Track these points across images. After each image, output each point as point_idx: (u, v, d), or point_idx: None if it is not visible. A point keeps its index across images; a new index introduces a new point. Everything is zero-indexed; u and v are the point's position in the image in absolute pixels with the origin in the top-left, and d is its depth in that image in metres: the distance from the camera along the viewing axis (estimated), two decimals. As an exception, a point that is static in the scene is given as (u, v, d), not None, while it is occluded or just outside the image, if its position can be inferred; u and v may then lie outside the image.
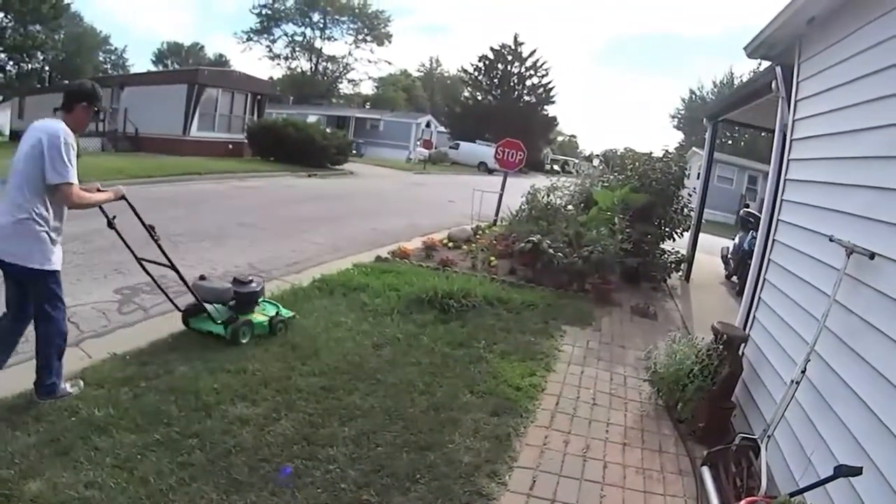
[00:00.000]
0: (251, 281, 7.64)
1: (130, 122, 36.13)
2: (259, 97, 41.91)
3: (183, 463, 4.59)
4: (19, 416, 5.03)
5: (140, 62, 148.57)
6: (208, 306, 7.16)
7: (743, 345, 6.70)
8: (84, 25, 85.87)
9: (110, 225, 6.20)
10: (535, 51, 76.46)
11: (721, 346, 6.22)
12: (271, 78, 77.58)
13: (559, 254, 11.81)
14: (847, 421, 4.20)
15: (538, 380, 7.14)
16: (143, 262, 6.60)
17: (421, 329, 8.25)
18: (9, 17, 56.76)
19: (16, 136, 25.43)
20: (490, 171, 50.60)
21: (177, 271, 6.84)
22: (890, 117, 4.52)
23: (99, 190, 6.03)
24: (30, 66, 64.59)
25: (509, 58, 76.48)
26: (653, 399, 7.05)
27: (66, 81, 59.56)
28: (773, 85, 7.87)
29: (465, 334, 8.26)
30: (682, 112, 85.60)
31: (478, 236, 15.81)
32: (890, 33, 4.69)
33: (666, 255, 13.96)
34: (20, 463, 4.37)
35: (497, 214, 18.66)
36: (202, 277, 7.56)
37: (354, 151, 45.26)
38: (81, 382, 5.68)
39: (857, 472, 3.65)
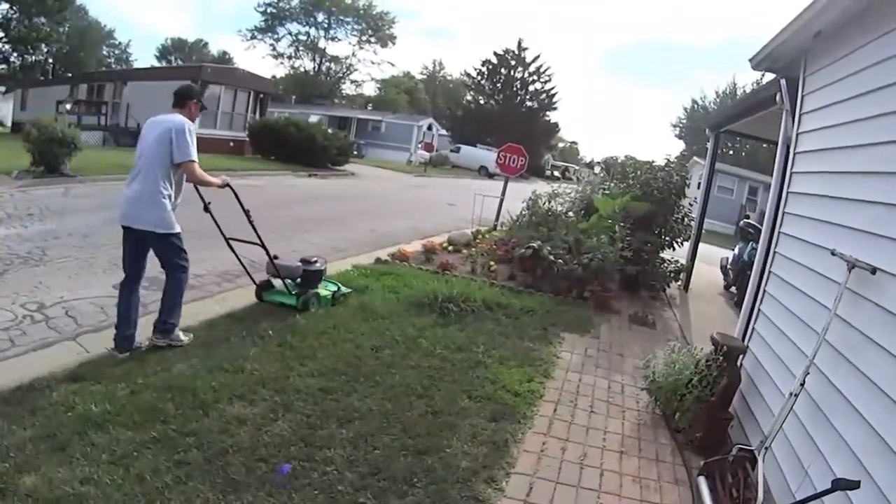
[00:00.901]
0: (316, 261, 9.00)
1: (132, 116, 36.11)
2: (262, 96, 41.95)
3: (179, 461, 4.58)
4: (15, 410, 5.02)
5: (144, 57, 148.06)
6: (282, 281, 8.55)
7: (742, 356, 6.71)
8: (89, 19, 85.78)
9: (206, 209, 7.30)
10: (538, 56, 76.54)
11: (720, 357, 6.22)
12: (274, 77, 77.56)
13: (559, 260, 11.80)
14: (845, 435, 4.20)
15: (536, 386, 7.12)
16: (231, 241, 7.92)
17: (420, 332, 8.23)
18: (14, 8, 56.76)
19: (17, 127, 25.38)
20: (490, 175, 50.76)
21: (266, 249, 8.18)
22: (896, 133, 4.53)
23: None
24: (33, 58, 64.56)
25: (512, 63, 76.56)
26: (650, 408, 7.04)
27: (70, 74, 59.99)
28: (778, 97, 7.87)
29: (463, 339, 8.24)
30: (684, 121, 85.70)
31: (478, 240, 15.81)
32: (897, 49, 4.70)
33: (665, 265, 13.96)
34: (15, 457, 4.36)
35: (497, 219, 18.66)
36: (276, 257, 8.51)
37: (355, 152, 45.31)
38: (192, 335, 7.01)
39: (854, 486, 3.64)
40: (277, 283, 8.74)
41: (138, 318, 6.74)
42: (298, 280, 8.75)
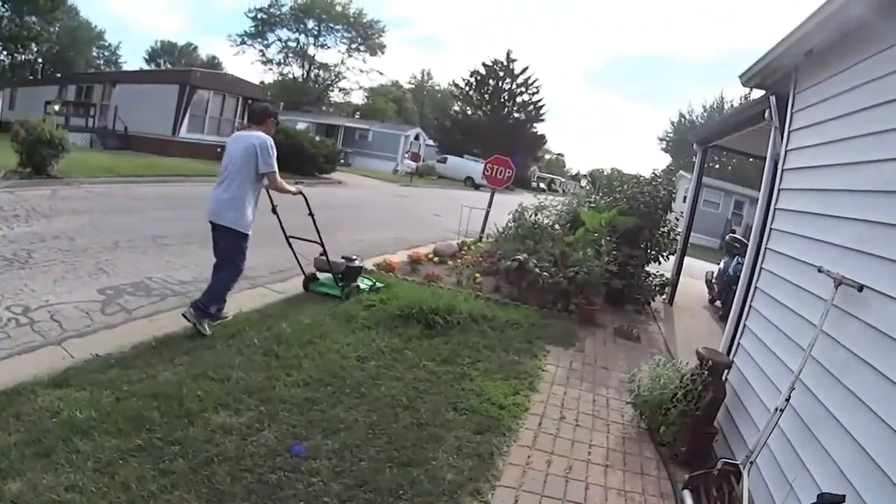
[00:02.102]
0: (355, 259, 10.53)
1: (120, 119, 36.06)
2: (250, 101, 41.90)
3: (164, 470, 4.56)
4: (0, 415, 4.99)
5: (133, 60, 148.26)
6: (327, 275, 10.30)
7: (727, 371, 6.72)
8: (80, 19, 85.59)
9: (273, 210, 8.91)
10: (526, 68, 76.58)
11: (705, 372, 6.24)
12: (263, 83, 77.40)
13: (545, 273, 11.79)
14: (830, 450, 4.23)
15: (522, 399, 7.12)
16: (291, 240, 9.49)
17: (406, 344, 8.21)
18: (6, 6, 56.55)
19: (5, 126, 25.31)
20: (477, 187, 50.81)
21: (324, 248, 9.93)
22: (885, 152, 4.57)
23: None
24: (23, 57, 64.32)
25: (501, 74, 76.64)
26: (635, 422, 7.06)
27: (59, 75, 59.84)
28: (767, 114, 7.92)
29: (449, 351, 8.22)
30: (671, 135, 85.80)
31: (463, 252, 15.81)
32: (887, 70, 4.74)
33: (651, 278, 13.99)
34: (0, 462, 4.35)
35: (483, 231, 18.65)
36: (322, 254, 10.05)
37: (342, 161, 45.25)
38: (230, 314, 8.26)
39: (839, 500, 3.66)
40: (321, 276, 10.40)
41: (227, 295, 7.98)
42: (340, 274, 10.18)
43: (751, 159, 18.57)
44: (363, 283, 10.73)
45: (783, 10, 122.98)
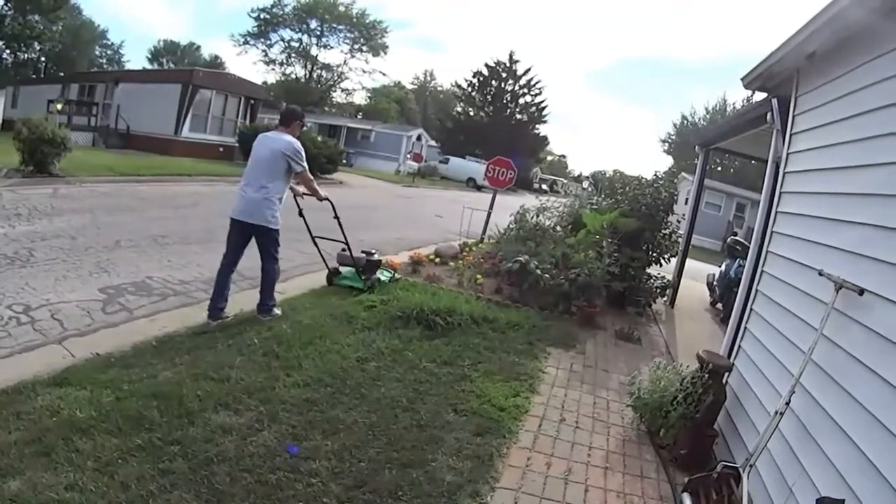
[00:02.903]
0: (374, 253, 11.12)
1: (123, 118, 36.09)
2: (252, 101, 41.91)
3: (164, 469, 4.56)
4: (1, 412, 5.01)
5: (136, 59, 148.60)
6: (349, 269, 10.99)
7: (727, 374, 6.71)
8: (82, 18, 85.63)
9: (301, 214, 9.56)
10: (529, 69, 76.85)
11: (706, 375, 6.23)
12: (265, 83, 77.48)
13: (546, 275, 11.79)
14: (830, 454, 4.22)
15: (522, 401, 7.12)
16: (316, 239, 10.05)
17: (406, 345, 8.21)
18: (9, 5, 56.69)
19: (8, 124, 25.30)
20: (479, 188, 50.87)
21: (348, 246, 10.58)
22: (886, 156, 4.56)
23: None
24: (26, 55, 64.48)
25: (503, 75, 76.80)
26: (635, 424, 7.06)
27: (62, 73, 59.91)
28: (769, 117, 7.90)
29: (449, 352, 8.22)
30: (673, 137, 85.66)
31: (465, 253, 15.76)
32: (889, 73, 4.73)
33: (652, 281, 13.97)
34: (0, 460, 4.36)
35: (484, 232, 18.62)
36: (344, 250, 10.71)
37: (344, 161, 45.20)
38: (279, 311, 8.69)
39: (839, 504, 3.67)
40: (343, 270, 11.07)
41: (229, 295, 8.23)
42: (362, 268, 10.83)
43: (753, 162, 18.57)
44: (383, 276, 11.34)
45: (787, 12, 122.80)
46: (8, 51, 61.52)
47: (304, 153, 8.29)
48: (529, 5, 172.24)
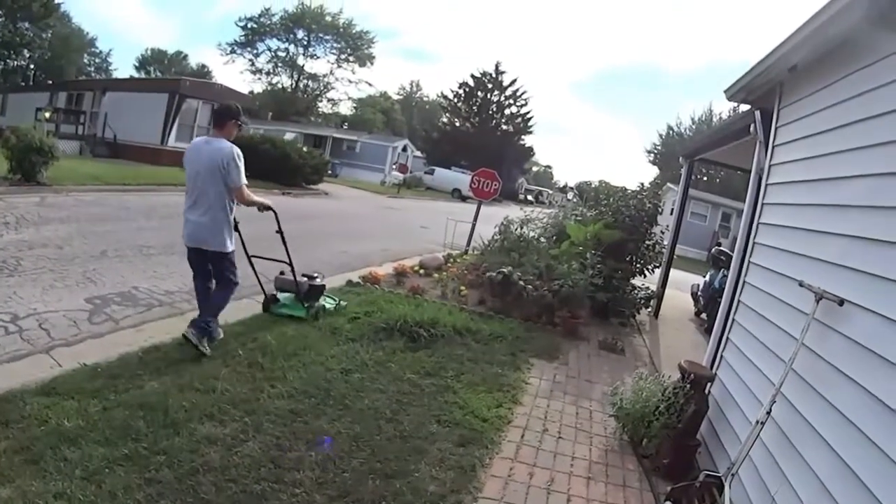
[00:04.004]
0: (317, 277, 9.76)
1: (110, 127, 36.00)
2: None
3: (150, 479, 4.57)
4: (-11, 422, 4.98)
5: (123, 67, 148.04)
6: (287, 295, 9.55)
7: (709, 384, 6.75)
8: (72, 26, 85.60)
9: (236, 227, 7.82)
10: (515, 80, 77.26)
11: (688, 385, 6.28)
12: (252, 92, 77.44)
13: (529, 286, 11.81)
14: (811, 462, 4.26)
15: (505, 411, 7.14)
16: (253, 259, 8.72)
17: (390, 356, 8.22)
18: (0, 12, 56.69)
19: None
20: (464, 199, 51.01)
21: (292, 268, 9.31)
22: (866, 168, 4.62)
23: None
24: (15, 62, 64.35)
25: (489, 86, 77.11)
26: (618, 434, 7.08)
27: (50, 81, 59.64)
28: (752, 128, 7.95)
29: (433, 363, 8.24)
30: (659, 147, 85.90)
31: (449, 265, 15.77)
32: (869, 86, 4.79)
33: (636, 291, 14.04)
34: (-11, 468, 4.34)
35: (469, 243, 18.62)
36: (282, 273, 9.54)
37: (330, 172, 45.18)
38: (221, 333, 7.74)
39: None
40: (283, 296, 9.54)
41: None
42: (303, 294, 9.46)
43: (738, 172, 18.67)
44: (327, 303, 10.00)
45: (772, 24, 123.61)
46: (-3, 58, 61.49)
47: (241, 162, 7.31)
48: (516, 16, 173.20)
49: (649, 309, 14.84)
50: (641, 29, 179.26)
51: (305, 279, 9.57)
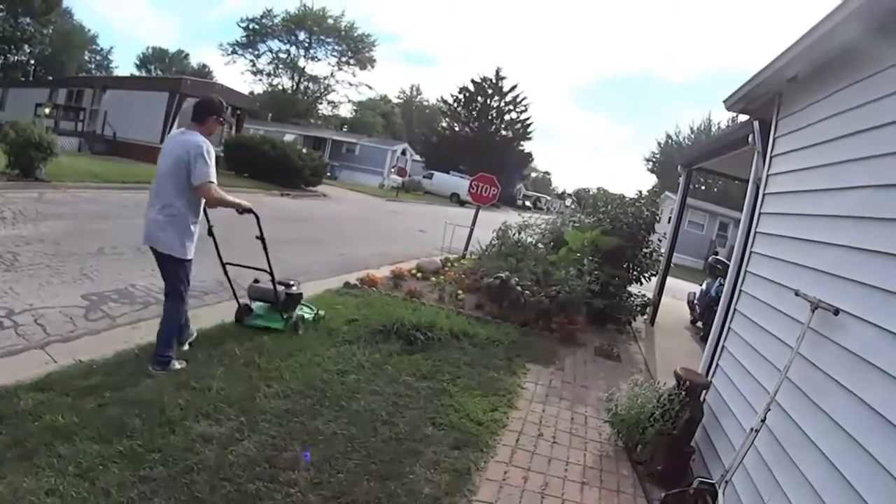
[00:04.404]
0: (293, 284, 8.94)
1: (109, 124, 35.95)
2: (239, 111, 41.83)
3: (145, 477, 4.57)
4: (-18, 418, 4.98)
5: (124, 65, 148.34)
6: (261, 305, 8.71)
7: (704, 391, 6.77)
8: (73, 23, 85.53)
9: (210, 232, 7.27)
10: (515, 86, 77.24)
11: (683, 392, 6.29)
12: (252, 93, 77.45)
13: (527, 292, 11.84)
14: (805, 470, 4.28)
15: (500, 415, 7.15)
16: (227, 266, 7.90)
17: (386, 359, 8.23)
18: (1, 7, 56.63)
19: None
20: (462, 203, 50.98)
21: (272, 275, 8.34)
22: (862, 179, 4.65)
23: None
24: (16, 58, 64.30)
25: (489, 91, 77.13)
26: (613, 440, 7.09)
27: (50, 77, 59.66)
28: (750, 138, 7.97)
29: (429, 367, 8.25)
30: (657, 156, 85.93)
31: (446, 269, 15.79)
32: (867, 98, 4.82)
33: (632, 298, 14.07)
34: (-19, 464, 4.33)
35: (466, 248, 18.65)
36: (256, 281, 8.71)
37: (329, 174, 45.20)
38: (184, 362, 6.82)
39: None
40: (257, 305, 8.73)
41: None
42: (279, 303, 8.61)
43: (736, 182, 18.70)
44: (305, 312, 9.15)
45: (772, 33, 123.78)
46: (-3, 52, 61.46)
47: (213, 158, 6.60)
48: (517, 23, 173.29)
49: (645, 316, 14.86)
50: (641, 37, 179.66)
51: (282, 287, 8.71)
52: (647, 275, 14.68)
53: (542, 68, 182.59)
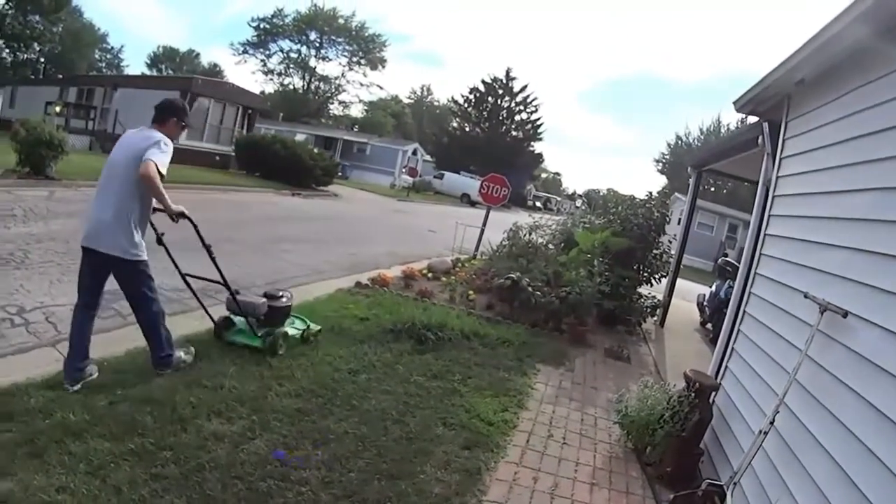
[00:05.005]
0: (282, 296, 8.07)
1: (121, 123, 35.97)
2: (250, 111, 41.91)
3: (156, 475, 4.59)
4: (-7, 414, 5.02)
5: (135, 64, 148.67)
6: (243, 319, 7.72)
7: (714, 393, 6.76)
8: (83, 21, 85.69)
9: (160, 241, 6.59)
10: (525, 86, 77.06)
11: (692, 394, 6.30)
12: (263, 92, 77.49)
13: (537, 292, 11.87)
14: (813, 472, 4.29)
15: (510, 416, 7.17)
16: (187, 277, 7.15)
17: (397, 358, 8.27)
18: (10, 4, 56.78)
19: (5, 124, 25.37)
20: (472, 204, 50.83)
21: (227, 287, 7.41)
22: (871, 181, 4.66)
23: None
24: (25, 56, 64.42)
25: (500, 91, 77.00)
26: (622, 441, 7.10)
27: (60, 75, 59.88)
28: (760, 140, 7.97)
29: (440, 366, 8.28)
30: (667, 157, 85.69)
31: (457, 269, 15.84)
32: (876, 100, 4.83)
33: (642, 300, 14.06)
34: (-8, 460, 4.37)
35: (477, 248, 18.66)
36: (237, 292, 7.69)
37: (340, 174, 45.22)
38: (192, 348, 6.63)
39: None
40: (239, 319, 7.84)
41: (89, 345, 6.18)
42: (262, 318, 7.73)
43: (746, 183, 18.67)
44: (292, 329, 8.15)
45: (781, 34, 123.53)
46: (7, 50, 61.56)
47: (169, 150, 6.07)
48: (527, 24, 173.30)
49: (655, 318, 14.83)
50: (649, 38, 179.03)
51: (264, 300, 7.81)
52: (657, 276, 14.66)
53: (551, 70, 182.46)
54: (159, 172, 5.78)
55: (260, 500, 4.58)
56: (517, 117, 77.96)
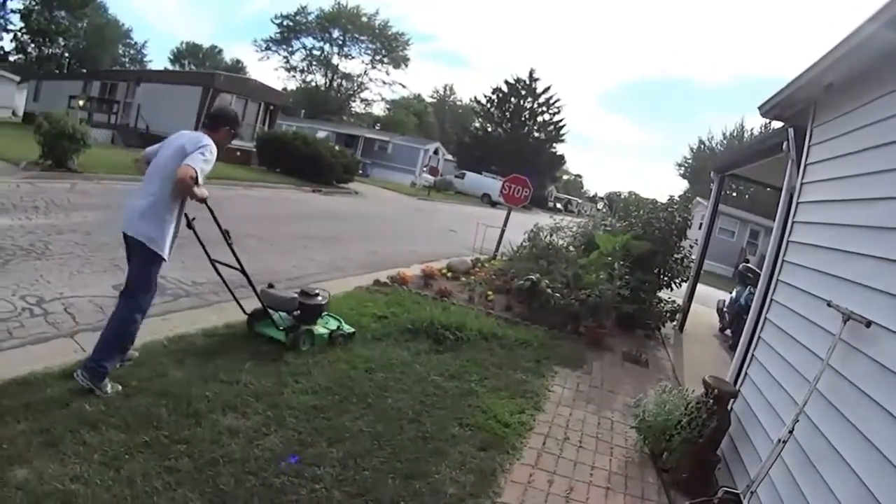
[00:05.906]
0: (317, 294, 8.13)
1: (143, 118, 36.31)
2: (272, 107, 42.10)
3: (170, 467, 4.60)
4: (10, 402, 5.05)
5: (158, 59, 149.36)
6: (273, 313, 7.71)
7: (732, 400, 6.72)
8: (107, 17, 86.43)
9: (189, 225, 6.52)
10: (548, 88, 77.04)
11: (711, 400, 6.25)
12: (285, 89, 77.86)
13: (556, 294, 11.83)
14: (832, 484, 4.23)
15: (527, 418, 7.14)
16: (216, 264, 7.12)
17: (415, 357, 8.26)
18: (37, 0, 57.36)
19: (29, 117, 25.59)
20: (493, 204, 50.79)
21: (246, 275, 7.37)
22: (896, 190, 4.60)
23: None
24: (50, 50, 65.00)
25: (523, 92, 76.99)
26: (638, 446, 7.06)
27: (84, 70, 60.24)
28: (784, 146, 7.90)
29: (457, 367, 8.26)
30: (689, 161, 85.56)
31: (477, 269, 15.77)
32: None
33: (662, 304, 13.98)
34: (8, 449, 4.41)
35: (498, 249, 18.65)
36: (270, 285, 7.97)
37: (361, 172, 45.28)
38: (119, 387, 5.70)
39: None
40: (274, 313, 7.78)
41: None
42: (294, 313, 7.88)
43: (768, 189, 18.56)
44: (322, 328, 8.11)
45: (808, 39, 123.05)
46: (33, 45, 62.15)
47: (213, 156, 6.05)
48: (550, 25, 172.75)
49: (674, 322, 14.74)
50: (673, 42, 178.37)
51: (295, 296, 7.96)
52: (677, 281, 14.60)
53: (573, 72, 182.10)
54: (196, 179, 5.73)
55: (273, 497, 4.58)
56: (540, 118, 77.92)
